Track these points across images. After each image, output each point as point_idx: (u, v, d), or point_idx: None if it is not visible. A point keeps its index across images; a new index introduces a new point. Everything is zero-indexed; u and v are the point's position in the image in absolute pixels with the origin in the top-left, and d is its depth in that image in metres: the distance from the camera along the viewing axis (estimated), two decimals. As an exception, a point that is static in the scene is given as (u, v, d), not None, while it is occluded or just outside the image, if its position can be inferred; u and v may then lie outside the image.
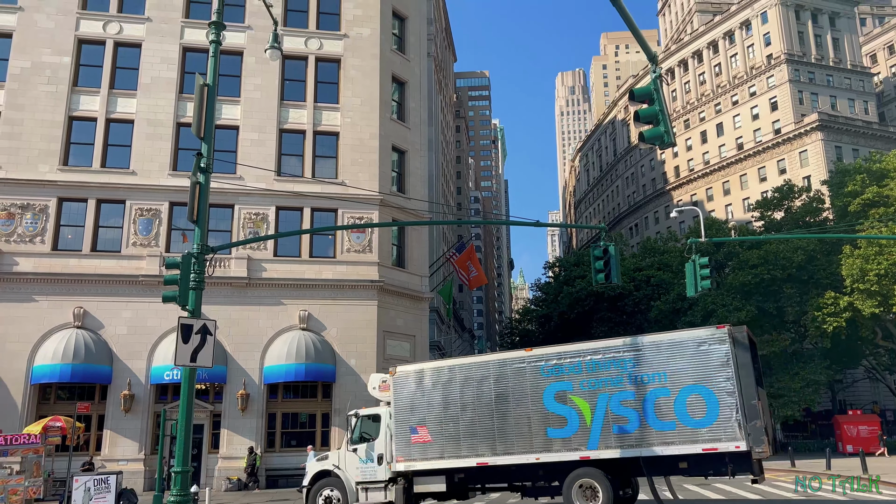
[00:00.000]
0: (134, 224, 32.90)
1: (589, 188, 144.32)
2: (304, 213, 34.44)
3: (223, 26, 14.24)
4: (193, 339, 11.25)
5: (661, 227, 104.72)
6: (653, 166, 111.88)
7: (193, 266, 11.82)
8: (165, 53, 35.04)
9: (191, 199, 11.92)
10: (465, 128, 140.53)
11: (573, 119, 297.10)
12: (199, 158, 11.91)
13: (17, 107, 33.16)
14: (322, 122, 35.95)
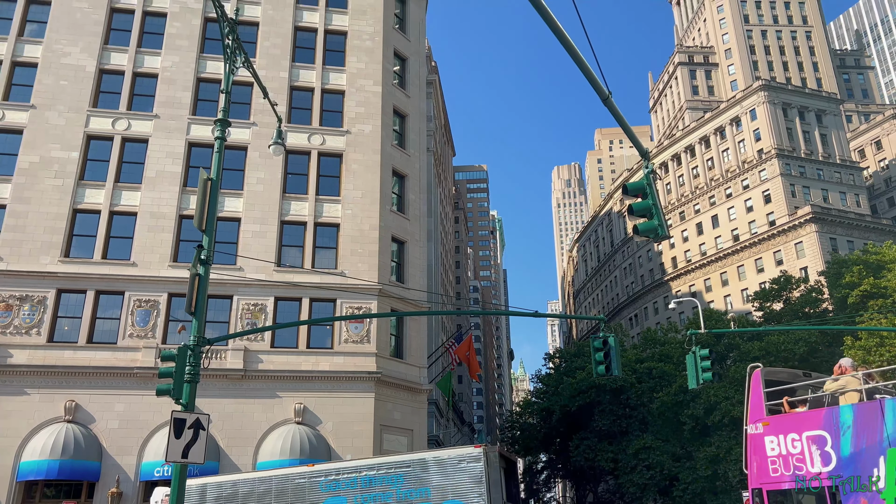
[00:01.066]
0: (132, 315, 32.79)
1: (587, 278, 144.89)
2: (303, 304, 34.40)
3: (228, 123, 14.70)
4: (186, 434, 10.99)
5: (661, 317, 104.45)
6: (650, 257, 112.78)
7: (189, 358, 11.70)
8: (171, 148, 35.99)
9: (189, 291, 11.94)
10: (464, 219, 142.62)
11: (570, 211, 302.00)
12: (199, 250, 12.03)
13: (23, 200, 33.73)
14: (323, 214, 36.49)
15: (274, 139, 16.93)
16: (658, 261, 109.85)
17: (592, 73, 8.18)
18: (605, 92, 8.30)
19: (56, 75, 36.14)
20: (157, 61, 37.65)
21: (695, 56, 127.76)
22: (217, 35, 38.79)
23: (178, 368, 11.66)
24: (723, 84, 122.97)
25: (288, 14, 39.99)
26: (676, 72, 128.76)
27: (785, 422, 13.70)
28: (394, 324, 36.64)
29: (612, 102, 8.55)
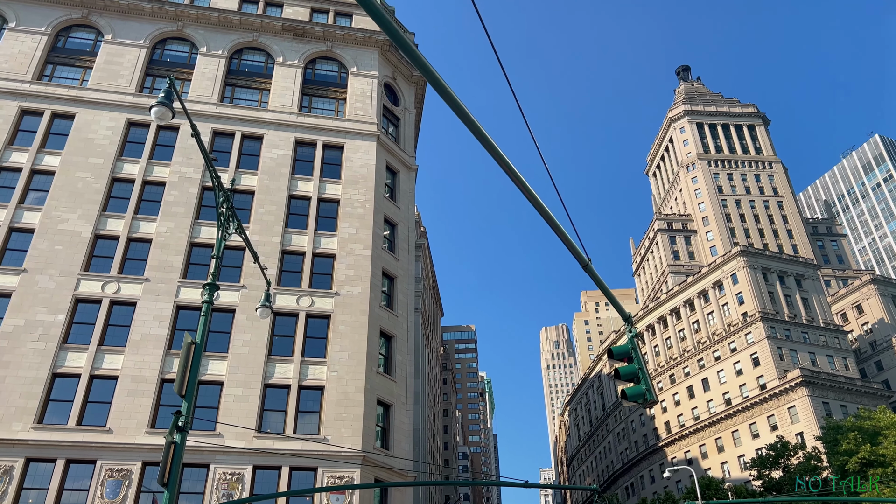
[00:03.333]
0: (101, 486, 31.04)
1: (580, 444, 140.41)
2: (282, 473, 32.82)
3: (217, 287, 14.86)
4: None
5: (658, 486, 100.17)
6: (643, 421, 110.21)
7: (156, 536, 10.94)
8: (159, 311, 36.01)
9: (164, 460, 11.42)
10: (453, 380, 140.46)
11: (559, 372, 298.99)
12: (177, 416, 11.66)
13: (2, 364, 33.08)
14: (308, 377, 35.89)
15: (262, 302, 17.06)
16: (651, 425, 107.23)
17: (571, 241, 8.50)
18: (585, 259, 8.58)
19: (51, 240, 36.91)
20: (152, 227, 38.70)
21: (673, 223, 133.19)
22: (213, 202, 40.31)
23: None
24: (702, 249, 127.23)
25: (283, 183, 41.84)
26: (657, 237, 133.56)
27: None
28: (378, 495, 34.83)
29: (592, 268, 8.81)
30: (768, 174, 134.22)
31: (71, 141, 40.57)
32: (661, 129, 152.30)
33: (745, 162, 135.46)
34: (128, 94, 43.21)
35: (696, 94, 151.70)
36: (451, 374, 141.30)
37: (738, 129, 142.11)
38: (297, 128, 44.47)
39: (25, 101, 41.61)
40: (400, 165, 46.95)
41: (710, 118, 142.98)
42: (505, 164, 7.56)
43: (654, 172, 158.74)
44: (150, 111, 11.95)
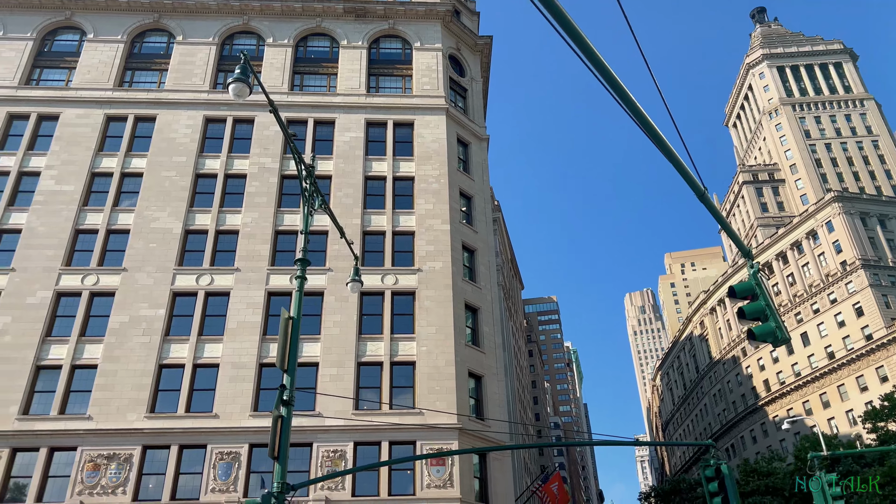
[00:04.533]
0: (213, 469, 32.45)
1: (675, 408, 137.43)
2: (382, 448, 33.43)
3: (308, 262, 15.00)
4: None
5: (760, 446, 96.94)
6: (740, 381, 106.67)
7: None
8: (251, 299, 37.13)
9: (272, 435, 11.62)
10: (538, 352, 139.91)
11: (647, 338, 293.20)
12: (281, 391, 11.83)
13: (113, 359, 34.93)
14: (399, 353, 36.31)
15: (351, 276, 17.17)
16: (749, 384, 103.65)
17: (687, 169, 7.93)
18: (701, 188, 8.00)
19: (146, 239, 38.56)
20: (237, 218, 39.83)
21: (759, 174, 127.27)
22: (293, 190, 41.14)
23: (262, 518, 11.11)
24: (792, 199, 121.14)
25: (358, 165, 42.20)
26: (742, 190, 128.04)
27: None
28: (477, 466, 35.02)
29: (708, 198, 8.20)
30: (860, 113, 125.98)
31: (154, 142, 42.16)
32: (738, 78, 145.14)
33: (834, 103, 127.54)
34: (202, 91, 44.46)
35: (774, 35, 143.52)
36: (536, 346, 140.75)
37: (824, 69, 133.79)
38: (366, 109, 44.68)
39: (110, 107, 43.43)
40: (471, 137, 46.52)
41: (792, 60, 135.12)
42: (619, 90, 7.07)
43: (735, 123, 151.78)
44: (229, 88, 12.03)
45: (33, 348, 34.84)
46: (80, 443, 32.60)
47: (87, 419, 33.15)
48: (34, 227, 38.48)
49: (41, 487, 31.73)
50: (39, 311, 35.90)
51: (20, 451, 32.52)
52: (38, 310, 35.92)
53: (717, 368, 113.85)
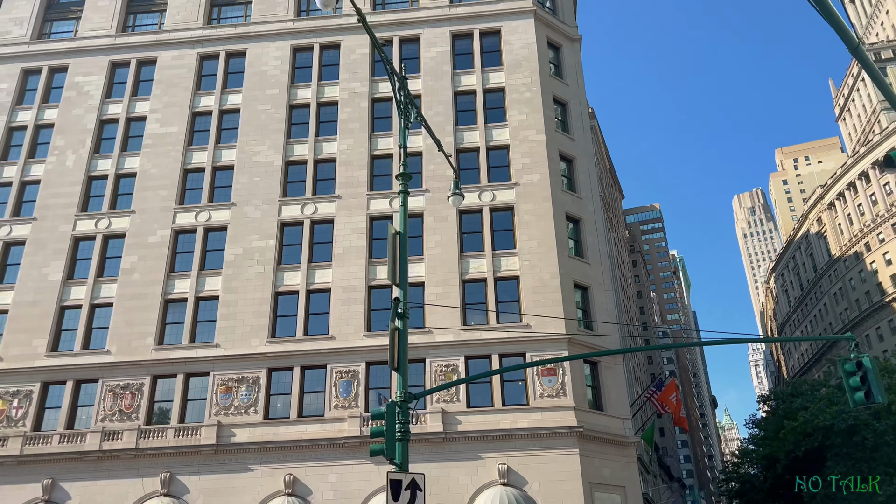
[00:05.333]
0: (335, 387, 34.08)
1: (791, 310, 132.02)
2: (493, 360, 33.94)
3: (409, 176, 14.78)
4: (403, 497, 10.56)
5: (888, 343, 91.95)
6: (863, 278, 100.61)
7: (398, 416, 11.41)
8: (355, 225, 37.82)
9: (391, 347, 11.77)
10: (643, 262, 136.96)
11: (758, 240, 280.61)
12: (396, 304, 11.88)
13: (232, 289, 36.81)
14: (501, 269, 36.25)
15: (452, 190, 16.88)
16: (874, 280, 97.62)
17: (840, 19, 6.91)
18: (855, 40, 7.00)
19: (249, 173, 39.74)
20: (333, 146, 40.24)
21: (882, 52, 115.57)
22: (384, 113, 40.98)
23: (388, 427, 11.40)
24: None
25: (446, 82, 41.30)
26: (862, 73, 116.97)
27: None
28: (589, 376, 35.01)
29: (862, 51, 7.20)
30: None
31: (247, 76, 42.83)
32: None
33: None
34: (287, 20, 44.38)
35: None
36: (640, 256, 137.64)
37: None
38: (450, 21, 43.29)
39: (202, 46, 44.25)
40: (562, 39, 44.31)
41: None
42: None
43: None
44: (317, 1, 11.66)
45: (160, 284, 37.20)
46: (211, 368, 34.96)
47: (215, 346, 35.39)
48: (147, 169, 40.44)
49: (182, 410, 34.46)
50: (161, 248, 38.10)
51: (160, 378, 35.29)
52: (159, 248, 38.13)
53: (837, 266, 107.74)
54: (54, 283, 37.67)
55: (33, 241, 39.00)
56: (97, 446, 33.31)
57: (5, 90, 44.12)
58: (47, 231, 39.16)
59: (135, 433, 33.59)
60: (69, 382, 35.22)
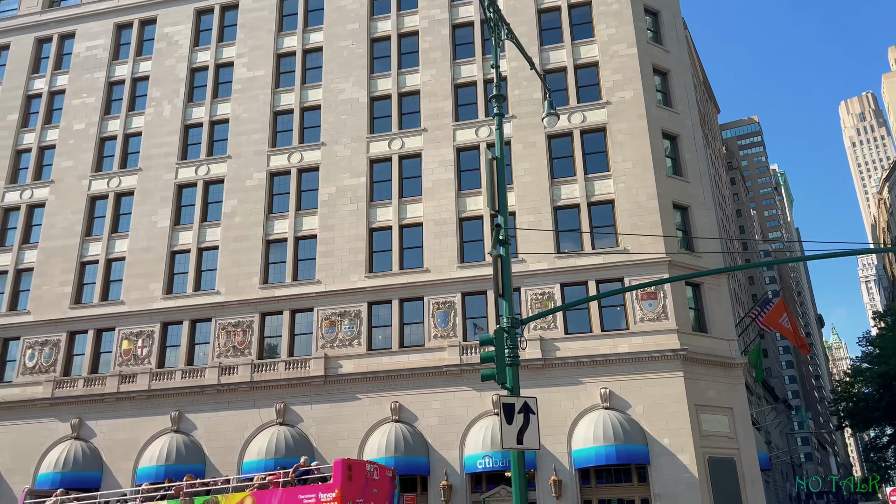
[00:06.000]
0: (432, 318, 34.67)
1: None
2: (589, 287, 33.47)
3: (503, 97, 14.28)
4: (517, 420, 10.60)
5: None
6: None
7: (506, 341, 11.35)
8: (442, 157, 37.57)
9: (495, 274, 11.63)
10: (741, 179, 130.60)
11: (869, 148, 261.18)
12: (497, 231, 11.66)
13: (328, 228, 37.66)
14: (595, 193, 35.29)
15: (546, 111, 16.28)
16: None
17: None
18: None
19: (336, 111, 39.94)
20: (416, 78, 39.71)
21: None
22: (465, 40, 39.96)
23: (497, 352, 11.39)
24: None
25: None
26: None
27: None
28: (691, 298, 34.03)
29: None
30: None
31: (326, 13, 42.53)
32: None
33: None
34: (361, -49, 43.44)
35: None
36: (739, 172, 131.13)
37: None
38: (529, -66, 41.08)
39: (280, -15, 44.07)
40: (650, -57, 41.31)
41: None
42: None
43: None
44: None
45: (260, 225, 38.50)
46: (314, 304, 36.24)
47: (316, 283, 36.56)
48: (238, 114, 41.35)
49: (290, 344, 36.09)
50: (258, 191, 39.26)
51: (267, 315, 36.94)
52: (257, 191, 39.30)
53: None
54: (163, 230, 39.69)
55: (141, 190, 41.04)
56: (216, 380, 35.53)
57: (101, 46, 45.77)
58: (152, 180, 41.05)
59: (249, 367, 35.55)
60: (185, 322, 37.46)
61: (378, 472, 18.58)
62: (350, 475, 16.89)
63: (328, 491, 16.22)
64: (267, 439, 33.43)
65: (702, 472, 29.75)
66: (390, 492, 18.73)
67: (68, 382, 37.44)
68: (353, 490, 16.60)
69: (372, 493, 17.34)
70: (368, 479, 17.89)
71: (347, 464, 17.33)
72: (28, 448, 36.29)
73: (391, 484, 19.15)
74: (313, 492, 16.35)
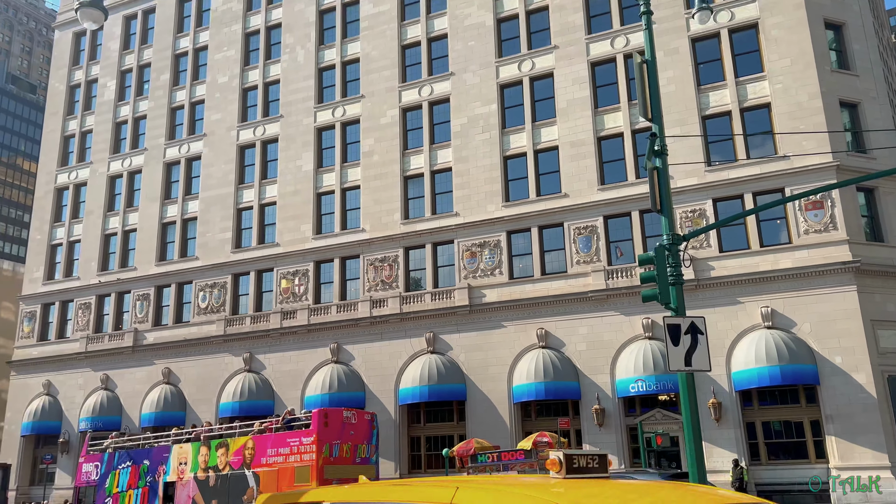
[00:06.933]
0: (574, 244, 33.89)
1: None
2: (745, 200, 31.13)
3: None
4: (683, 341, 9.98)
5: None
6: None
7: (668, 259, 10.62)
8: (575, 74, 35.89)
9: (651, 187, 10.82)
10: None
11: None
12: (652, 140, 10.77)
13: (463, 159, 37.45)
14: (748, 97, 32.39)
15: (697, 5, 14.70)
16: None
17: None
18: None
19: (462, 38, 39.05)
20: (544, -7, 37.82)
21: None
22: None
23: (659, 271, 10.71)
24: None
25: None
26: None
27: None
28: (863, 206, 30.81)
29: None
30: None
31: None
32: None
33: None
34: None
35: None
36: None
37: None
38: None
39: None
40: None
41: None
42: None
43: None
44: None
45: (397, 162, 38.99)
46: (453, 236, 36.54)
47: (454, 216, 36.74)
48: (368, 52, 41.53)
49: (434, 276, 36.79)
50: (393, 128, 39.60)
51: (410, 249, 37.77)
52: (391, 128, 39.65)
53: None
54: (308, 174, 41.26)
55: (284, 136, 42.71)
56: (368, 313, 37.10)
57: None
58: (293, 126, 42.54)
59: (397, 300, 36.75)
60: (336, 260, 39.15)
61: (356, 417, 21.48)
62: (326, 422, 19.80)
63: (308, 435, 19.46)
64: (420, 367, 34.68)
65: (880, 392, 27.46)
66: (369, 433, 21.55)
67: (237, 320, 40.64)
68: (330, 434, 19.62)
69: (349, 435, 20.30)
70: (345, 424, 20.60)
71: (324, 412, 20.51)
72: (209, 380, 40.07)
73: (370, 426, 21.87)
74: (297, 436, 19.68)
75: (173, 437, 24.30)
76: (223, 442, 21.84)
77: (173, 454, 23.00)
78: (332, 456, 19.46)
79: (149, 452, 24.21)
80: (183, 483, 22.12)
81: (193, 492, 21.64)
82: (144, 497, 22.97)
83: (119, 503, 23.73)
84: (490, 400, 33.51)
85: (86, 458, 26.89)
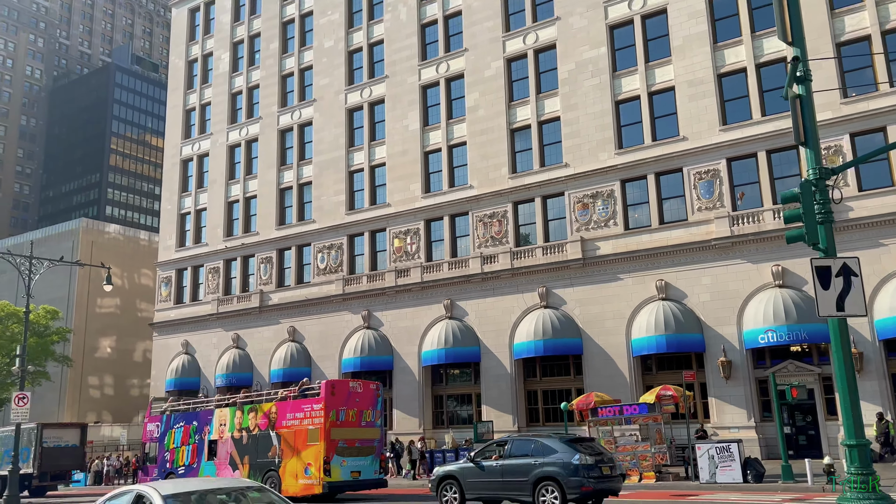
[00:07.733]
0: (694, 189, 32.19)
1: None
2: (888, 132, 28.27)
3: None
4: (835, 284, 9.07)
5: None
6: None
7: (815, 196, 9.65)
8: (691, 8, 33.60)
9: (794, 118, 9.81)
10: None
11: None
12: (794, 65, 9.70)
13: (571, 107, 36.21)
14: (891, 18, 29.18)
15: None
16: None
17: None
18: None
19: (566, -21, 37.36)
20: (652, -77, 35.37)
21: None
22: None
23: (805, 208, 9.74)
24: None
25: None
26: None
27: None
28: None
29: None
30: None
31: None
32: None
33: None
34: None
35: None
36: None
37: None
38: None
39: None
40: None
41: None
42: None
43: None
44: None
45: (503, 115, 38.26)
46: (564, 188, 35.63)
47: (564, 167, 35.76)
48: (470, 4, 40.64)
49: (544, 230, 36.14)
50: (497, 81, 38.80)
51: (519, 203, 37.22)
52: (495, 80, 38.86)
53: None
54: (415, 133, 41.34)
55: (390, 96, 42.90)
56: (479, 269, 37.09)
57: (336, -39, 47.49)
58: (398, 85, 42.61)
59: (508, 255, 36.46)
60: (445, 217, 39.26)
61: (361, 387, 24.25)
62: (333, 392, 22.89)
63: (319, 402, 22.73)
64: (533, 322, 34.41)
65: None
66: (374, 400, 24.22)
67: (354, 280, 41.83)
68: (336, 401, 22.76)
69: (355, 402, 23.40)
70: (351, 393, 23.57)
71: (331, 384, 23.61)
72: (331, 337, 41.69)
73: (374, 394, 24.39)
74: (310, 403, 23.07)
75: (215, 403, 28.00)
76: (253, 407, 25.33)
77: (215, 417, 26.53)
78: (338, 420, 22.67)
79: (197, 415, 27.61)
80: (223, 441, 25.84)
81: (231, 448, 25.46)
82: (194, 452, 26.86)
83: (175, 456, 27.57)
84: (607, 353, 32.83)
85: (149, 419, 30.35)
